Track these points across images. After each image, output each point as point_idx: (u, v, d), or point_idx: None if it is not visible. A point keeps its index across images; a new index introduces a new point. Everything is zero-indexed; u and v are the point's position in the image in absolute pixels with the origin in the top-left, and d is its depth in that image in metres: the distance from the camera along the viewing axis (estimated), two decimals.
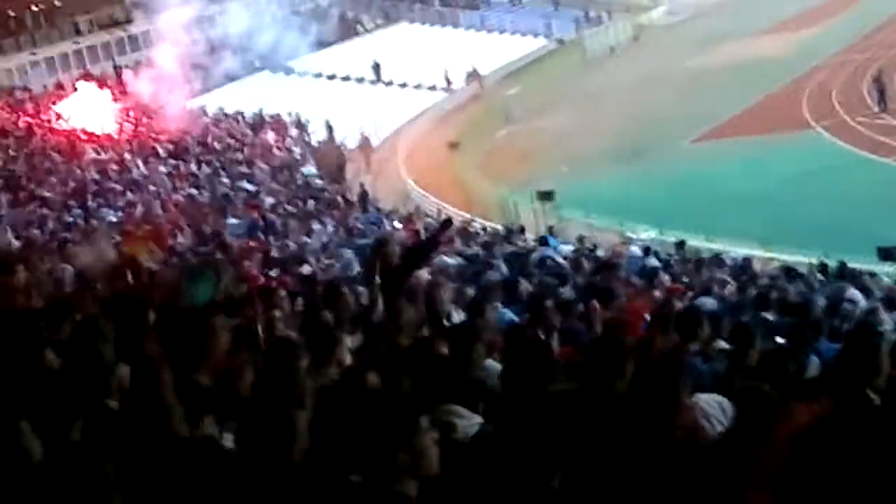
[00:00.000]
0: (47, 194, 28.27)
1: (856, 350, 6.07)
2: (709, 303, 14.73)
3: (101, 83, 43.71)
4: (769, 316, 13.07)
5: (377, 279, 11.94)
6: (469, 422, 6.44)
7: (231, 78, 48.59)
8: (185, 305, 10.26)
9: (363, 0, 57.21)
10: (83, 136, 36.40)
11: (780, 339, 10.33)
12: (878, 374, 5.64)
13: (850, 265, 19.03)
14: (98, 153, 34.42)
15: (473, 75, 51.31)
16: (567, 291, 14.74)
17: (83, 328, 7.34)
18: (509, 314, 12.20)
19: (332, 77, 51.50)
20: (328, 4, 54.11)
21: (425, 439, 4.61)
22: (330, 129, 42.04)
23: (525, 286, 14.32)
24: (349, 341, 8.42)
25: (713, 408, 5.99)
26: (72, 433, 5.26)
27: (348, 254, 19.51)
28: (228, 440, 5.62)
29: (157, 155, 35.48)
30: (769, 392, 5.38)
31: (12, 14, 48.61)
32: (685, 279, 18.44)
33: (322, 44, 51.97)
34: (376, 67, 51.26)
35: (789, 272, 19.45)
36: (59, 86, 44.14)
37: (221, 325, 7.05)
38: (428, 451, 4.62)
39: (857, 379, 5.69)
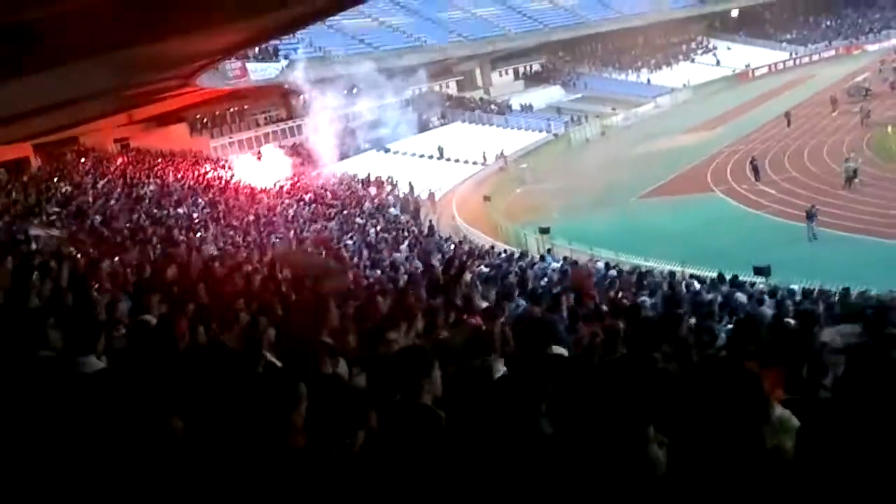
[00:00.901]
0: (235, 223, 28.84)
1: (746, 328, 6.02)
2: (648, 301, 15.13)
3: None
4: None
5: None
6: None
7: (352, 153, 49.13)
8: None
9: (433, 105, 57.34)
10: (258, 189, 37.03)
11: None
12: (759, 342, 5.42)
13: (739, 278, 19.32)
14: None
15: (500, 155, 51.58)
16: (557, 289, 15.30)
17: None
18: (522, 302, 12.74)
19: (413, 154, 51.61)
20: (410, 107, 54.19)
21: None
22: (411, 187, 42.58)
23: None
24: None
25: None
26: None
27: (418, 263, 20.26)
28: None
29: (303, 201, 36.07)
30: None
31: (217, 113, 49.33)
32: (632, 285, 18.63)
33: (407, 132, 52.31)
34: (440, 149, 51.59)
35: (701, 280, 19.69)
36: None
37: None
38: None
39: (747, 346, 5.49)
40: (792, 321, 9.35)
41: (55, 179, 30.49)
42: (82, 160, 35.99)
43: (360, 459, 3.20)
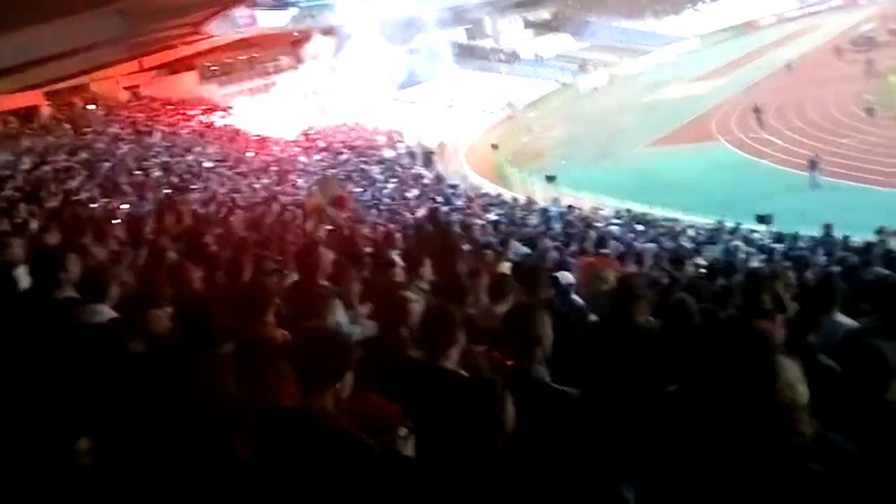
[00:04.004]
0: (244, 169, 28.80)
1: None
2: (650, 247, 15.16)
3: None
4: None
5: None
6: None
7: (361, 102, 48.35)
8: None
9: (441, 53, 56.40)
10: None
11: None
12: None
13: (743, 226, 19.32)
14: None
15: (508, 104, 51.18)
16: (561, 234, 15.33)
17: None
18: (523, 248, 12.72)
19: (421, 103, 51.26)
20: (419, 55, 53.22)
21: None
22: (419, 136, 42.37)
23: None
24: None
25: None
26: None
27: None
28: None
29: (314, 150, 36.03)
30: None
31: (228, 61, 48.96)
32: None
33: (416, 82, 51.67)
34: (449, 98, 51.08)
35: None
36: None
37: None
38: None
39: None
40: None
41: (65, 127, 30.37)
42: (92, 107, 35.82)
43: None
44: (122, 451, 2.96)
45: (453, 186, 29.74)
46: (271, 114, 41.69)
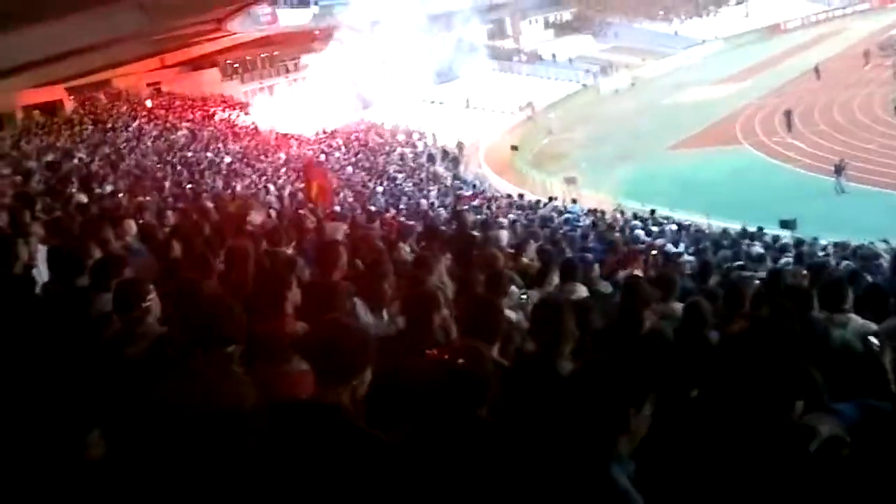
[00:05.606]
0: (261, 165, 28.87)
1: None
2: (672, 247, 15.06)
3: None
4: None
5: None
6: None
7: (380, 101, 48.31)
8: None
9: (462, 53, 56.29)
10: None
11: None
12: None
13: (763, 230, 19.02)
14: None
15: (528, 105, 51.02)
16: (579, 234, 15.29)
17: None
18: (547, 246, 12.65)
19: (441, 102, 51.27)
20: (439, 55, 53.07)
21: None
22: (434, 137, 42.41)
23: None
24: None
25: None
26: None
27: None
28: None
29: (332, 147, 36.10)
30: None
31: (249, 59, 49.16)
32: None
33: (435, 81, 51.69)
34: (468, 98, 51.12)
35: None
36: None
37: None
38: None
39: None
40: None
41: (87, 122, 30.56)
42: (115, 104, 36.03)
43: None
44: (129, 446, 2.85)
45: (472, 186, 29.71)
46: (292, 111, 41.77)
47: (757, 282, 8.23)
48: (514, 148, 40.29)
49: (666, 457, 2.87)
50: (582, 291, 6.69)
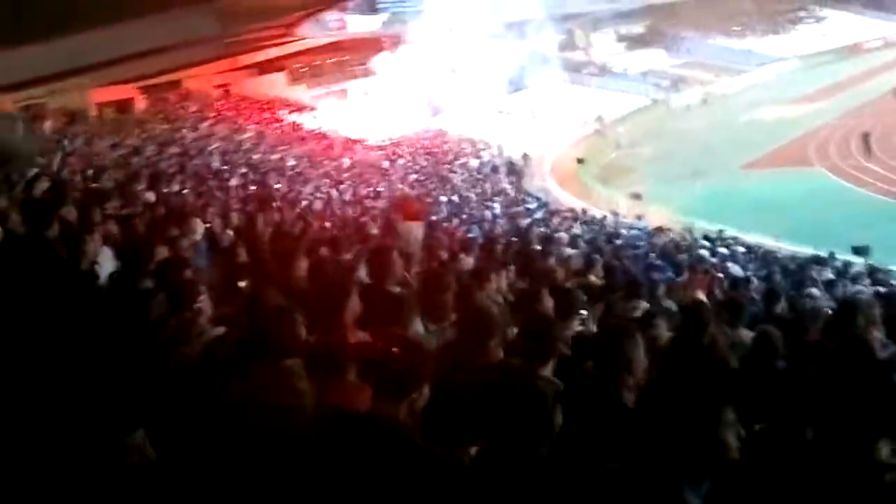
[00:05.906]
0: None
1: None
2: (734, 269, 14.75)
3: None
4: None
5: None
6: None
7: (447, 110, 48.35)
8: None
9: (531, 64, 56.13)
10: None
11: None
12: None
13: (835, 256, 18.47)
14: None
15: (597, 118, 50.59)
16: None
17: None
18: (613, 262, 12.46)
19: (508, 113, 50.95)
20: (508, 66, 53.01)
21: None
22: (500, 148, 42.19)
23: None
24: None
25: None
26: None
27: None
28: None
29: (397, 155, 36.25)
30: None
31: (316, 63, 49.62)
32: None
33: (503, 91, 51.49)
34: (535, 110, 50.85)
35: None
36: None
37: None
38: None
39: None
40: None
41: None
42: (185, 104, 36.74)
43: None
44: (179, 448, 2.94)
45: (537, 199, 29.53)
46: (359, 116, 42.10)
47: (827, 310, 7.96)
48: (580, 161, 39.93)
49: (743, 483, 2.81)
50: (644, 308, 6.63)
